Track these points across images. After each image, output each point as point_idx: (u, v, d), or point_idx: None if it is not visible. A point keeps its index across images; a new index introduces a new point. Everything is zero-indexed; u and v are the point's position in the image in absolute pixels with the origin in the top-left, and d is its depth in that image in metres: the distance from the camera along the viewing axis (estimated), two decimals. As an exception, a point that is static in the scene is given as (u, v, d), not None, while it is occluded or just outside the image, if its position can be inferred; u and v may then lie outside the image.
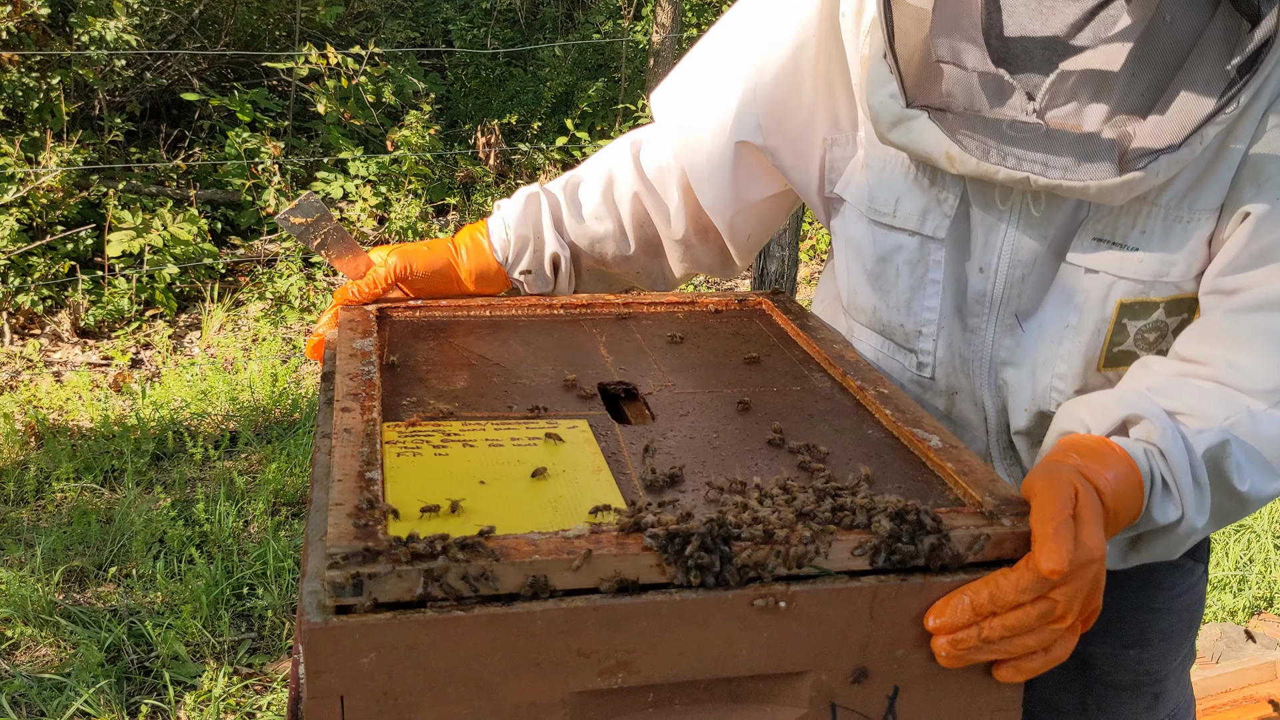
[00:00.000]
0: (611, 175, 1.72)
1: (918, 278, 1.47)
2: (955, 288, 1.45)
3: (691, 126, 1.64)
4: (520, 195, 1.73)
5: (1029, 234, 1.38)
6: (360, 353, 1.43)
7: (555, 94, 7.61)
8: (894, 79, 1.33)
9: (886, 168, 1.47)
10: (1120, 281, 1.35)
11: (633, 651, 1.01)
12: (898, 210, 1.47)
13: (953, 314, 1.46)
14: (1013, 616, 1.04)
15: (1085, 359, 1.39)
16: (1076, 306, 1.38)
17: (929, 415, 1.34)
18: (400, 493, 1.12)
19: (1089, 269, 1.36)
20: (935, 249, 1.44)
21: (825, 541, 1.04)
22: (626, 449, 1.25)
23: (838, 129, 1.57)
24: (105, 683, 3.07)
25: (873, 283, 1.52)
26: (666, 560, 1.01)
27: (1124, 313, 1.37)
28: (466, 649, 0.98)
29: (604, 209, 1.72)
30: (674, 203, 1.69)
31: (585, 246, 1.75)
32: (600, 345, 1.57)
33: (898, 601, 1.05)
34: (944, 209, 1.43)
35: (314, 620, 0.95)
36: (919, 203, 1.45)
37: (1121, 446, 1.17)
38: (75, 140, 5.79)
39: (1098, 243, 1.35)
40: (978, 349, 1.45)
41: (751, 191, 1.65)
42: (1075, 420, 1.26)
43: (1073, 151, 1.26)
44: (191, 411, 4.71)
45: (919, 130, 1.32)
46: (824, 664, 1.06)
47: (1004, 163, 1.28)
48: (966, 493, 1.16)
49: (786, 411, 1.37)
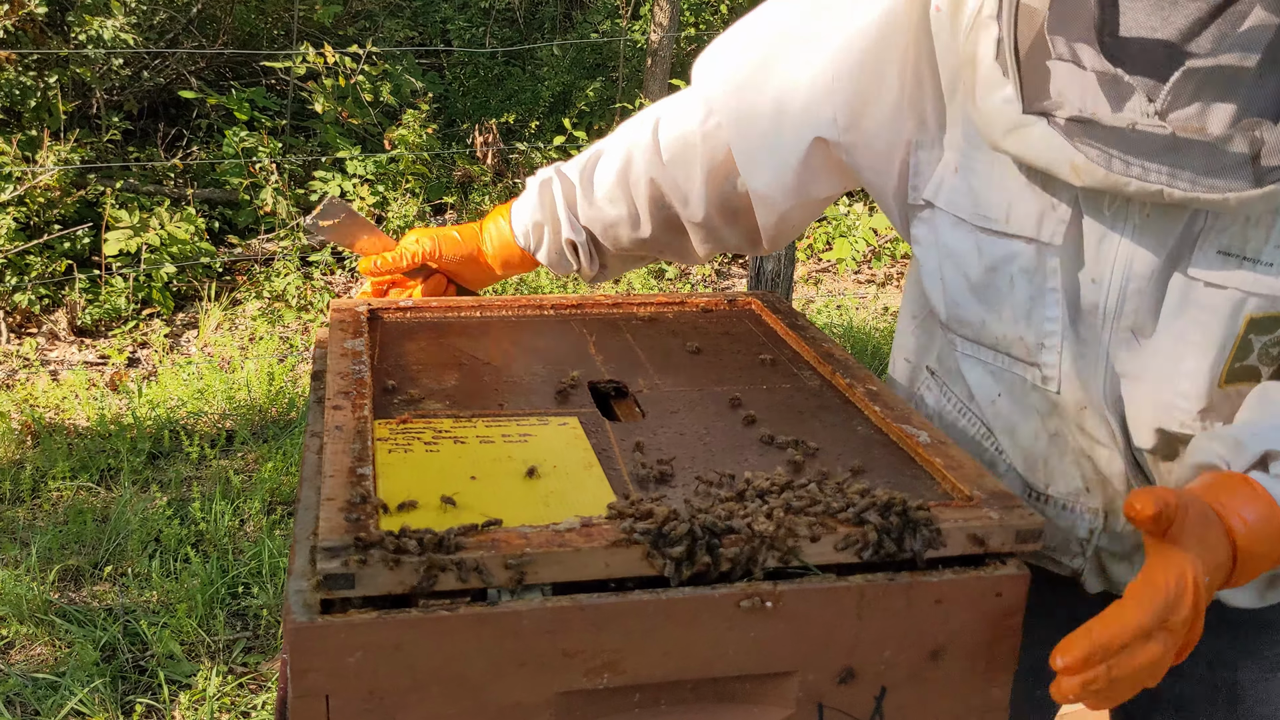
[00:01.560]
0: (630, 154, 1.63)
1: (1036, 287, 1.35)
2: (1070, 298, 1.34)
3: (748, 106, 1.50)
4: (539, 176, 1.69)
5: (1144, 244, 1.27)
6: (351, 352, 1.43)
7: (553, 93, 7.61)
8: (1009, 82, 1.24)
9: (994, 171, 1.36)
10: (1251, 298, 1.25)
11: (619, 651, 1.01)
12: (1011, 216, 1.35)
13: (1070, 325, 1.35)
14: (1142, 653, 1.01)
15: (1210, 377, 1.28)
16: (1200, 323, 1.27)
17: (917, 412, 1.34)
18: (392, 488, 1.12)
19: (1214, 284, 1.26)
20: (1051, 256, 1.32)
21: (813, 535, 1.04)
22: (617, 445, 1.25)
23: (924, 130, 1.44)
24: (100, 681, 3.06)
25: (979, 294, 1.39)
26: (653, 554, 1.01)
27: (1251, 328, 1.27)
28: (452, 648, 0.98)
29: (618, 191, 1.65)
30: (695, 184, 1.60)
31: (599, 231, 1.70)
32: (590, 345, 1.57)
33: (885, 600, 1.05)
34: (1059, 214, 1.31)
35: (300, 619, 0.95)
36: (1034, 207, 1.33)
37: (1263, 485, 1.09)
38: (73, 139, 5.78)
39: (1224, 257, 1.25)
40: (1094, 363, 1.34)
41: (815, 188, 1.53)
42: (1212, 454, 1.17)
43: (1203, 160, 1.17)
44: (188, 410, 4.70)
45: (1037, 138, 1.23)
46: (811, 664, 1.06)
47: (1130, 173, 1.19)
48: (955, 487, 1.16)
49: (777, 409, 1.37)
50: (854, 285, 6.65)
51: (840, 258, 6.58)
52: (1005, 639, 1.09)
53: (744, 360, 1.53)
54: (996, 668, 1.10)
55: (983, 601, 1.07)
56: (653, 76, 7.41)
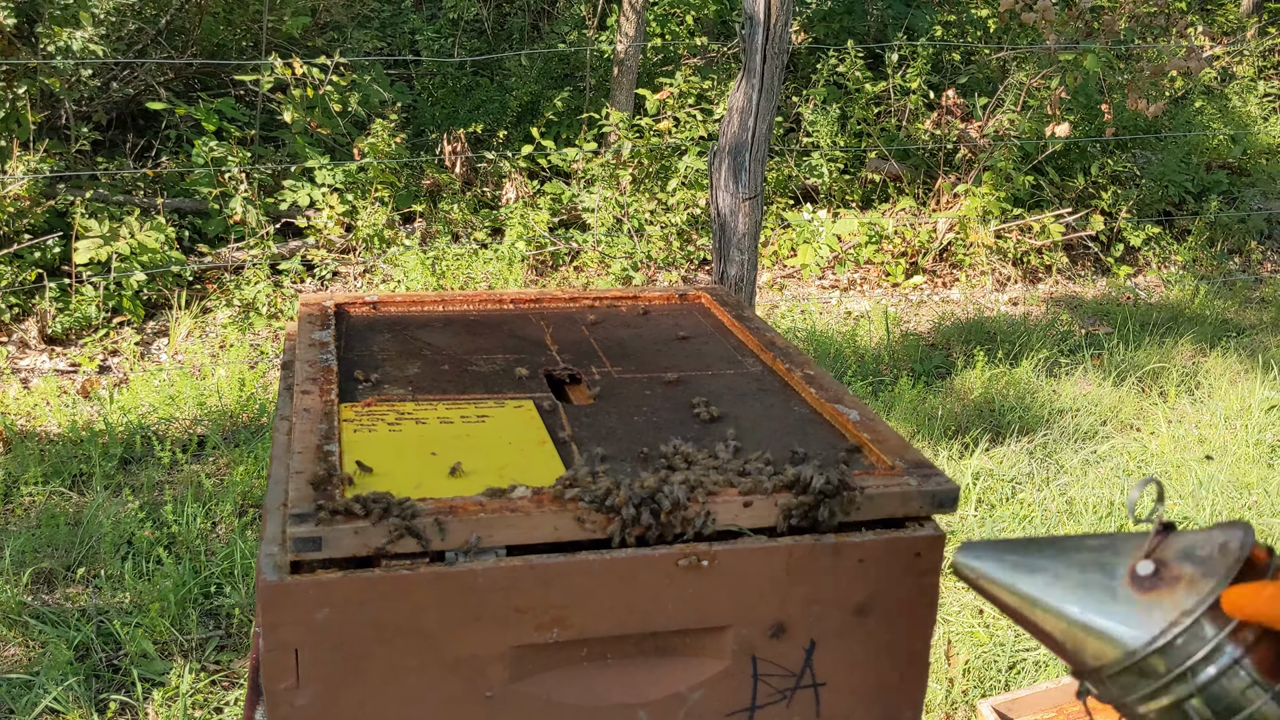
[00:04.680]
0: None
1: None
2: None
3: None
4: None
5: None
6: (319, 343, 1.51)
7: (521, 103, 7.69)
8: None
9: None
10: None
11: (566, 608, 1.10)
12: None
13: None
14: None
15: None
16: None
17: (850, 394, 1.44)
18: (355, 465, 1.20)
19: None
20: None
21: (745, 502, 1.13)
22: (569, 425, 1.34)
23: None
24: (74, 680, 3.11)
25: None
26: (595, 517, 1.09)
27: None
28: (413, 605, 1.06)
29: None
30: None
31: None
32: (547, 336, 1.66)
33: (812, 560, 1.14)
34: None
35: (271, 579, 1.03)
36: None
37: None
38: (41, 149, 5.82)
39: None
40: None
41: None
42: None
43: None
44: (159, 416, 4.74)
45: None
46: (744, 619, 1.15)
47: None
48: (879, 458, 1.25)
49: (720, 391, 1.47)
50: (818, 290, 6.77)
51: (804, 263, 6.69)
52: (925, 595, 1.19)
53: (691, 349, 1.62)
54: (918, 623, 1.20)
55: (903, 561, 1.17)
56: (619, 86, 7.50)
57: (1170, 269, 7.49)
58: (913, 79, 7.59)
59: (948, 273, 7.05)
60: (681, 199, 6.75)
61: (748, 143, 4.64)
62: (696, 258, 6.79)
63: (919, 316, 6.49)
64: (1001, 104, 7.53)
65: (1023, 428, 4.84)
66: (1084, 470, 4.48)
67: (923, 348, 5.86)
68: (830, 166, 7.37)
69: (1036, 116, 7.32)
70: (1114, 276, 7.25)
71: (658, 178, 6.92)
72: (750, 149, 4.63)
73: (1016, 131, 7.28)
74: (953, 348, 5.91)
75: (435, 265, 6.18)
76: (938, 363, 5.68)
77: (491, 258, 6.27)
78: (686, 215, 6.75)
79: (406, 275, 6.05)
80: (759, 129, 4.64)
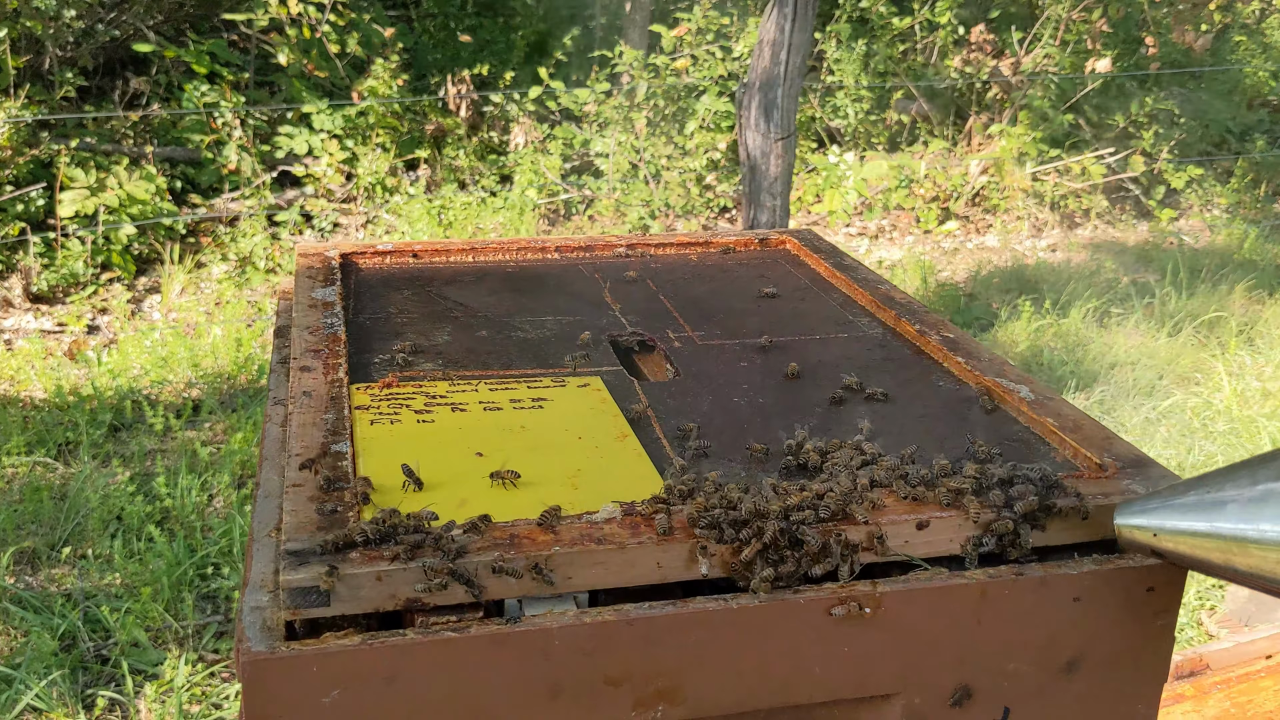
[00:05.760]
0: None
1: None
2: None
3: None
4: None
5: None
6: (321, 303, 1.19)
7: (528, 42, 7.31)
8: None
9: None
10: None
11: (677, 675, 0.78)
12: None
13: None
14: None
15: None
16: None
17: (1010, 363, 1.11)
18: (377, 470, 0.88)
19: None
20: None
21: (918, 522, 0.81)
22: (651, 409, 1.02)
23: None
24: (59, 674, 2.83)
25: None
26: (714, 545, 0.78)
27: None
28: (464, 679, 0.75)
29: None
30: None
31: None
32: (605, 292, 1.33)
33: (1012, 600, 0.83)
34: None
35: (257, 648, 0.72)
36: None
37: None
38: (24, 96, 5.46)
39: None
40: None
41: None
42: None
43: None
44: (151, 380, 4.45)
45: None
46: (917, 683, 0.83)
47: None
48: (1080, 454, 0.93)
49: (833, 363, 1.14)
50: (845, 239, 6.42)
51: (831, 210, 6.34)
52: (1154, 643, 0.87)
53: (785, 307, 1.30)
54: (1144, 680, 0.88)
55: (1129, 599, 0.85)
56: (632, 22, 7.12)
57: (1213, 212, 7.13)
58: (941, 13, 7.18)
59: (981, 218, 6.69)
60: (700, 142, 6.38)
61: (780, 77, 4.29)
62: (717, 205, 6.44)
63: (954, 265, 6.15)
64: (1039, 39, 7.13)
65: (1078, 383, 4.53)
66: (1146, 429, 4.16)
67: (961, 298, 5.53)
68: (856, 107, 6.99)
69: (1075, 51, 6.93)
70: (1156, 220, 6.89)
71: (675, 120, 6.55)
72: (783, 84, 4.28)
73: (1055, 67, 6.88)
74: (993, 297, 5.58)
75: (441, 215, 5.83)
76: (979, 314, 5.35)
77: (501, 206, 5.93)
78: (706, 160, 6.39)
79: (411, 226, 5.71)
80: (792, 63, 4.28)
